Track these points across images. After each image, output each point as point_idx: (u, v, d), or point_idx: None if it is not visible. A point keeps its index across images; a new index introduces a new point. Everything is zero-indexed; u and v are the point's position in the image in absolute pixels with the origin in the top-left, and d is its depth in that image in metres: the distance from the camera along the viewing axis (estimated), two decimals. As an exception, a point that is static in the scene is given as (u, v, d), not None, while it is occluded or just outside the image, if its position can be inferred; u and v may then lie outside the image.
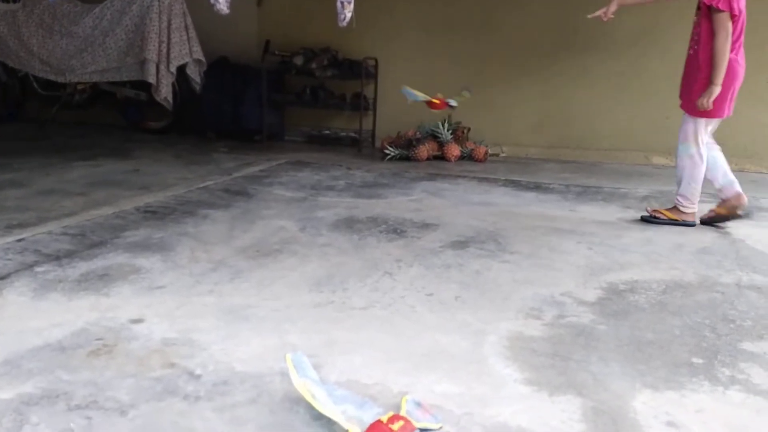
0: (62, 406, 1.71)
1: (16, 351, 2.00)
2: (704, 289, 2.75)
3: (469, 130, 5.85)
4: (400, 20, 6.09)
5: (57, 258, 2.84)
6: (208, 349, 2.06)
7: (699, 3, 3.44)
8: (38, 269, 2.70)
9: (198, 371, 1.91)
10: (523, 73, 5.89)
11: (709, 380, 1.98)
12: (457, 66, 5.98)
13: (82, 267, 2.74)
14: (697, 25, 3.47)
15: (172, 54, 5.34)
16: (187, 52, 5.43)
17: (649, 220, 3.77)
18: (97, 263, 2.79)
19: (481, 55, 5.93)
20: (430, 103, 4.66)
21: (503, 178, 4.94)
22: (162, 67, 5.32)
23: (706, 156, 3.61)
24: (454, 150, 5.59)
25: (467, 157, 5.67)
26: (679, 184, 3.71)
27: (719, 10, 3.29)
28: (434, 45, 6.01)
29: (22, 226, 3.26)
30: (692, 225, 3.71)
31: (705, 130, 3.58)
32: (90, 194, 3.99)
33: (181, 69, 5.47)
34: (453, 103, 4.66)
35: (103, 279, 2.61)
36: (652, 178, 5.09)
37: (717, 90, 3.36)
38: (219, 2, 4.10)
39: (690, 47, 3.55)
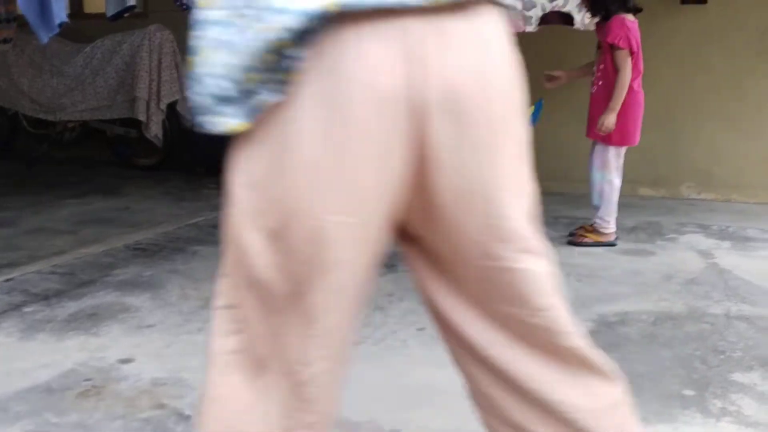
0: (50, 449, 1.69)
1: (2, 393, 1.98)
2: (693, 320, 2.77)
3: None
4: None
5: (45, 298, 2.82)
6: (198, 388, 2.04)
7: (599, 43, 3.84)
8: (26, 309, 2.68)
9: (187, 412, 1.90)
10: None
11: (701, 412, 1.98)
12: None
13: (71, 306, 2.72)
14: (601, 62, 3.84)
15: (163, 92, 5.39)
16: (177, 89, 5.47)
17: (576, 243, 3.98)
18: (86, 302, 2.78)
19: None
20: None
21: (492, 211, 4.96)
22: (152, 104, 5.36)
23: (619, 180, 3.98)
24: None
25: (456, 190, 5.70)
26: (597, 208, 3.99)
27: (620, 48, 3.67)
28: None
29: (10, 265, 3.25)
30: (614, 245, 3.96)
31: (620, 157, 3.97)
32: (79, 232, 3.98)
33: (172, 105, 5.51)
34: None
35: (92, 318, 2.60)
36: (638, 209, 5.12)
37: (614, 115, 3.75)
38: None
39: (595, 83, 3.93)
